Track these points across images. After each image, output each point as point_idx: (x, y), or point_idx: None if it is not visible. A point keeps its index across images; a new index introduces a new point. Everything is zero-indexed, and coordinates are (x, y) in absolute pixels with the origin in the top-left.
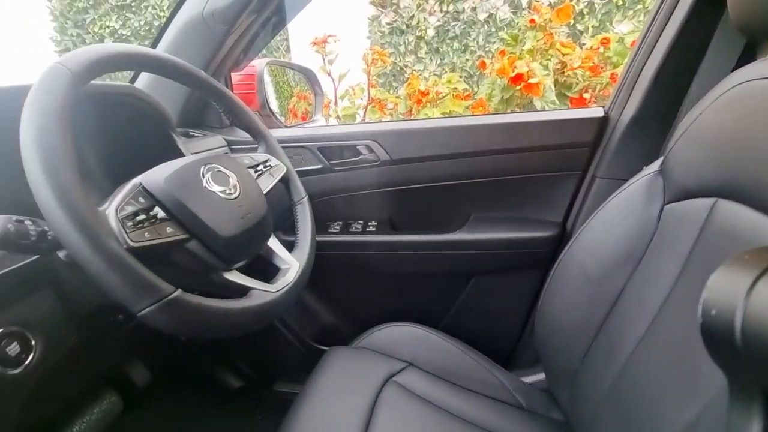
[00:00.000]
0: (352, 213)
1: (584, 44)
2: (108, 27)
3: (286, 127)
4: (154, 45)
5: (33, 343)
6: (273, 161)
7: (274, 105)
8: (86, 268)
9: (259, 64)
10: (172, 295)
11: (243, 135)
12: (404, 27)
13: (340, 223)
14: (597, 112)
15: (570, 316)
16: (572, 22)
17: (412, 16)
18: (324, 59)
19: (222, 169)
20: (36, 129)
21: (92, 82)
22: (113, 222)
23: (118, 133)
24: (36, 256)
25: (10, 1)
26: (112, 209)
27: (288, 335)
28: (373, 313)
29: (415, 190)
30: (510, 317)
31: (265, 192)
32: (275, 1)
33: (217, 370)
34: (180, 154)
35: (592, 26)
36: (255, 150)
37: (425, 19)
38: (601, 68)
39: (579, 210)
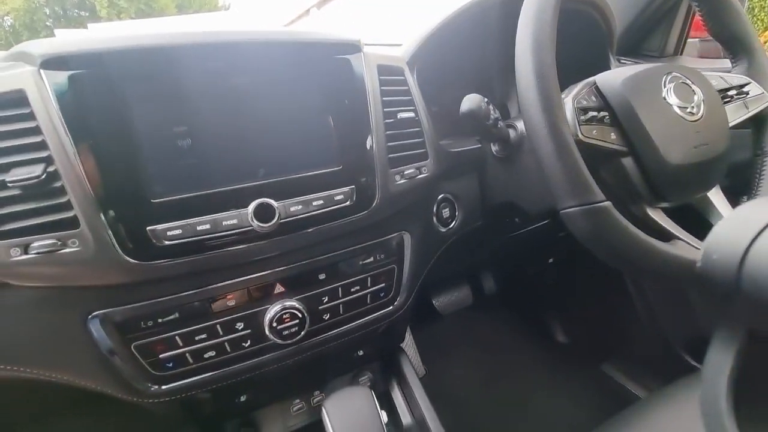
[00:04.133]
0: None
1: None
2: None
3: None
4: None
5: (457, 213)
6: (753, 89)
7: None
8: (537, 147)
9: None
10: (602, 204)
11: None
12: None
13: None
14: None
15: None
16: None
17: None
18: None
19: (688, 82)
20: (533, 8)
21: None
22: (569, 111)
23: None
24: (478, 146)
25: None
26: (570, 98)
27: (648, 321)
28: None
29: None
30: None
31: (731, 125)
32: None
33: (551, 316)
34: None
35: None
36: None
37: None
38: None
39: None
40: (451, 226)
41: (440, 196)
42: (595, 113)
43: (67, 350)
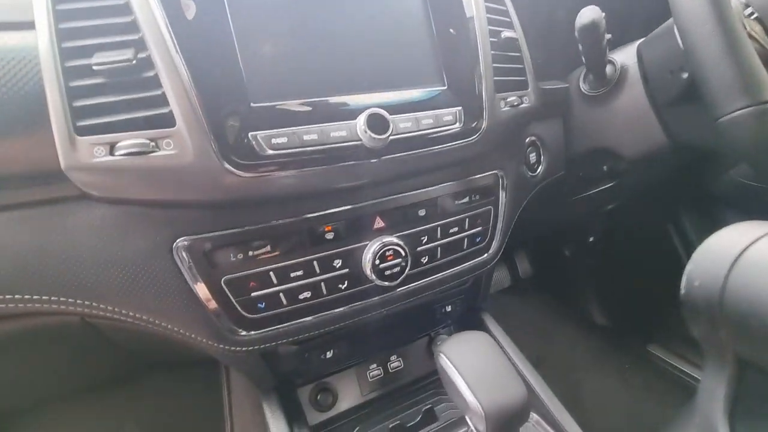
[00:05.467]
0: None
1: None
2: None
3: None
4: None
5: (542, 158)
6: None
7: None
8: (698, 46)
9: None
10: None
11: None
12: None
13: None
14: None
15: None
16: None
17: None
18: None
19: None
20: None
21: None
22: (732, 4)
23: None
24: (565, 85)
25: None
26: None
27: None
28: None
29: None
30: None
31: None
32: None
33: (590, 298)
34: None
35: None
36: None
37: None
38: None
39: None
40: (538, 172)
41: (528, 139)
42: (750, 10)
43: (148, 283)
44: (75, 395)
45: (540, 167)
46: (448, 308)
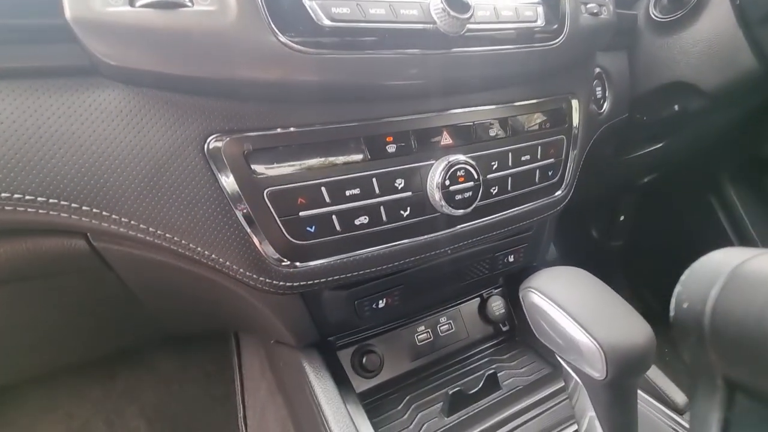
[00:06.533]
0: None
1: None
2: None
3: None
4: None
5: (607, 93)
6: None
7: None
8: None
9: None
10: None
11: None
12: None
13: None
14: None
15: None
16: None
17: None
18: None
19: None
20: None
21: None
22: None
23: None
24: (634, 12)
25: None
26: None
27: None
28: None
29: None
30: None
31: None
32: None
33: (621, 284)
34: None
35: None
36: None
37: None
38: None
39: None
40: (603, 109)
41: (595, 71)
42: None
43: (173, 190)
44: (72, 374)
45: (606, 104)
46: (510, 258)
